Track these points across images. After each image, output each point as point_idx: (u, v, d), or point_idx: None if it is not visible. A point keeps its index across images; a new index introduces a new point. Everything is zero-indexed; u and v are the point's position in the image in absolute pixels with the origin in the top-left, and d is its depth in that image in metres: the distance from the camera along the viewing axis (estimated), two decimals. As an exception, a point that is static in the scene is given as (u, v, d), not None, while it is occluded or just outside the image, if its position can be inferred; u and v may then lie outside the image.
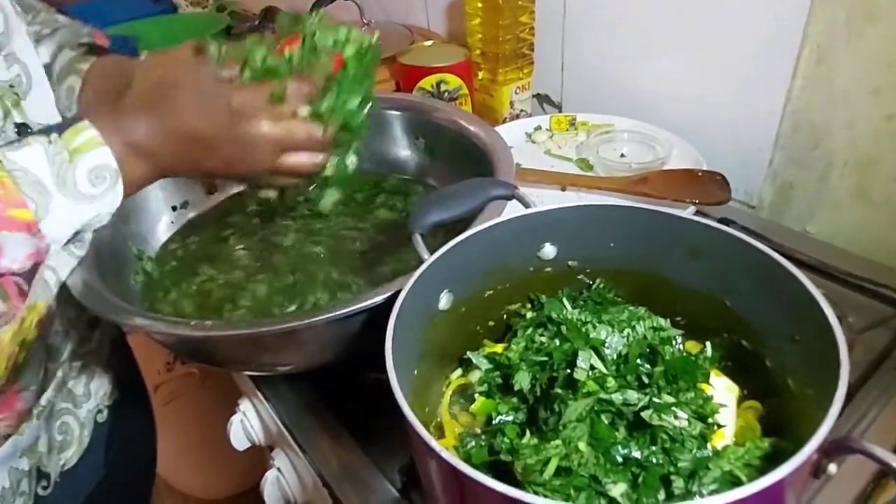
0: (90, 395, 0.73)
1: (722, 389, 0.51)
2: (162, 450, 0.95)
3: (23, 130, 0.60)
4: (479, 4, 1.05)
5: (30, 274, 0.48)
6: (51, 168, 0.47)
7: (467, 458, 0.49)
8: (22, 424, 0.63)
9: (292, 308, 0.70)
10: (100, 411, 0.75)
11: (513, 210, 0.58)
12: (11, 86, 0.58)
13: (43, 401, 0.65)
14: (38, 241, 0.47)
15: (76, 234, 0.51)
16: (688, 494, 0.43)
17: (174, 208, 0.85)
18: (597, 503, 0.43)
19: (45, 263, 0.50)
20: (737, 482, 0.43)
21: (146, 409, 0.91)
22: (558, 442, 0.45)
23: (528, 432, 0.49)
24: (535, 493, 0.42)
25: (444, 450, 0.37)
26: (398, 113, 0.89)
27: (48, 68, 0.68)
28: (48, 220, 0.47)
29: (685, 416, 0.46)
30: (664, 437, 0.45)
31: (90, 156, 0.49)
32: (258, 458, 1.18)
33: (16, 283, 0.47)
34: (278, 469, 0.75)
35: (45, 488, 0.66)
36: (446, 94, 1.08)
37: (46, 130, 0.49)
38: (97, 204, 0.50)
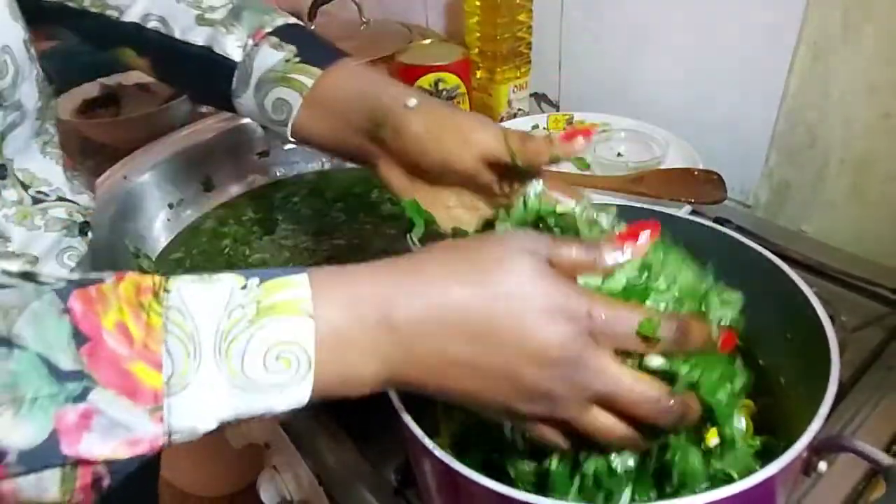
0: None
1: (715, 388, 0.51)
2: (160, 447, 0.96)
3: (0, 172, 0.55)
4: (478, 3, 1.05)
5: (125, 467, 0.31)
6: (218, 322, 0.31)
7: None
8: None
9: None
10: None
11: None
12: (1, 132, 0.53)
13: None
14: (152, 427, 0.30)
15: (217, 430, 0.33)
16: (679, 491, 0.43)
17: (171, 206, 0.86)
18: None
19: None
20: (728, 479, 0.43)
21: None
22: None
23: None
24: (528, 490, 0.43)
25: (438, 448, 0.38)
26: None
27: (241, 67, 0.56)
28: (181, 399, 0.30)
29: None
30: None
31: (281, 323, 0.32)
32: (256, 456, 1.19)
33: (94, 474, 0.30)
34: (274, 467, 0.76)
35: None
36: (444, 92, 1.08)
37: (253, 273, 0.33)
38: (263, 396, 0.32)
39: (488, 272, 0.35)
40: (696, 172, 0.87)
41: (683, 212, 0.78)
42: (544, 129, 1.05)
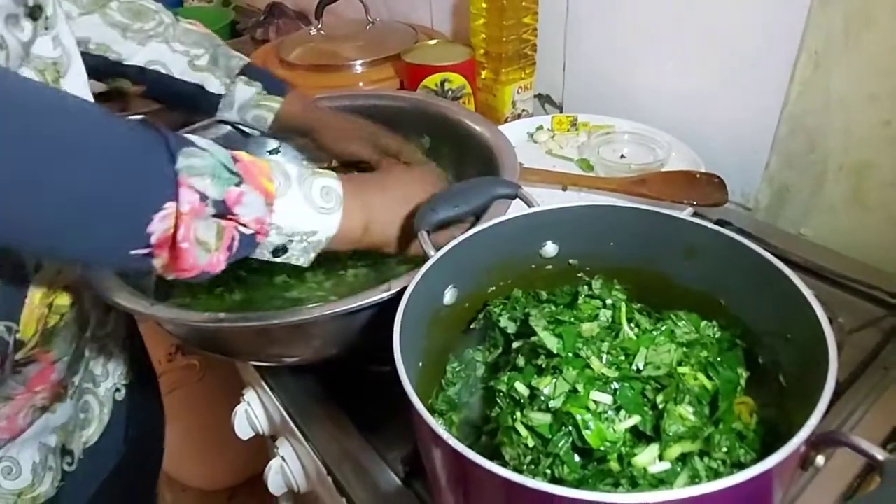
0: (108, 374, 0.76)
1: (716, 385, 0.53)
2: (161, 439, 0.97)
3: None
4: (484, 5, 1.06)
5: (246, 241, 0.52)
6: (297, 171, 0.56)
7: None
8: (55, 403, 0.65)
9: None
10: (118, 390, 0.78)
11: (516, 209, 0.60)
12: (55, 63, 0.61)
13: (76, 379, 0.67)
14: (266, 214, 0.52)
15: (280, 247, 0.55)
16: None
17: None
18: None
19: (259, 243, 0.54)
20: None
21: (157, 393, 0.93)
22: None
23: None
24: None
25: (450, 435, 0.39)
26: (407, 111, 0.91)
27: (226, 98, 0.84)
28: (282, 202, 0.53)
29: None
30: None
31: (324, 178, 0.58)
32: (256, 450, 1.20)
33: (233, 237, 0.51)
34: (282, 458, 0.77)
35: (69, 464, 0.69)
36: (450, 92, 1.09)
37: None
38: (320, 218, 0.56)
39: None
40: (698, 175, 0.88)
41: (685, 213, 0.79)
42: (549, 129, 1.07)
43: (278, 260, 0.56)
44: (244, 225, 0.51)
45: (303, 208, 0.55)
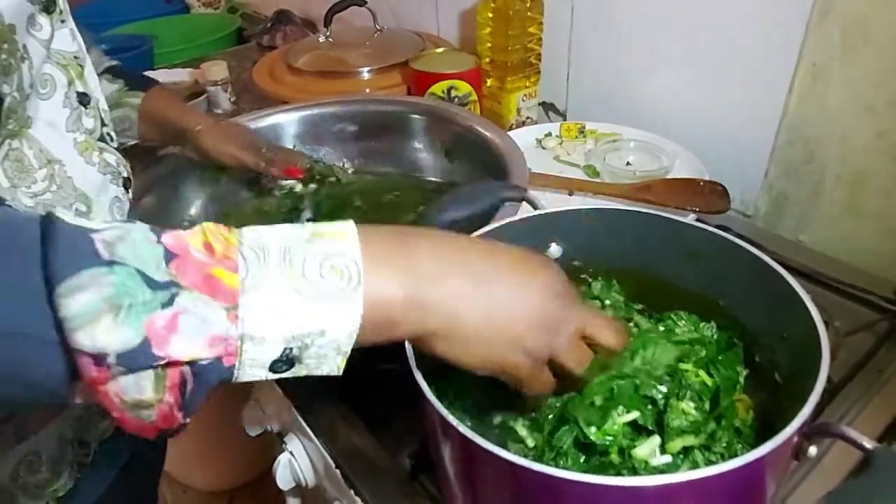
0: None
1: (714, 383, 0.55)
2: (163, 440, 0.98)
3: (83, 100, 0.63)
4: (490, 14, 1.09)
5: (209, 371, 0.34)
6: (281, 240, 0.36)
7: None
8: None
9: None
10: None
11: (523, 211, 0.62)
12: (76, 57, 0.62)
13: None
14: (229, 324, 0.33)
15: (282, 359, 0.35)
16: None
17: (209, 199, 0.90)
18: None
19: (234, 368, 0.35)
20: None
21: None
22: None
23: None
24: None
25: (460, 423, 0.41)
26: (419, 116, 0.93)
27: None
28: (252, 298, 0.34)
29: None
30: None
31: (331, 241, 0.37)
32: (257, 453, 1.20)
33: (181, 375, 0.34)
34: (291, 453, 0.79)
35: (86, 456, 0.71)
36: (456, 99, 1.11)
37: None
38: (322, 307, 0.35)
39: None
40: (701, 183, 0.90)
41: (688, 220, 0.81)
42: (557, 136, 1.09)
43: (286, 376, 0.37)
44: (189, 361, 0.33)
45: (293, 304, 0.34)
